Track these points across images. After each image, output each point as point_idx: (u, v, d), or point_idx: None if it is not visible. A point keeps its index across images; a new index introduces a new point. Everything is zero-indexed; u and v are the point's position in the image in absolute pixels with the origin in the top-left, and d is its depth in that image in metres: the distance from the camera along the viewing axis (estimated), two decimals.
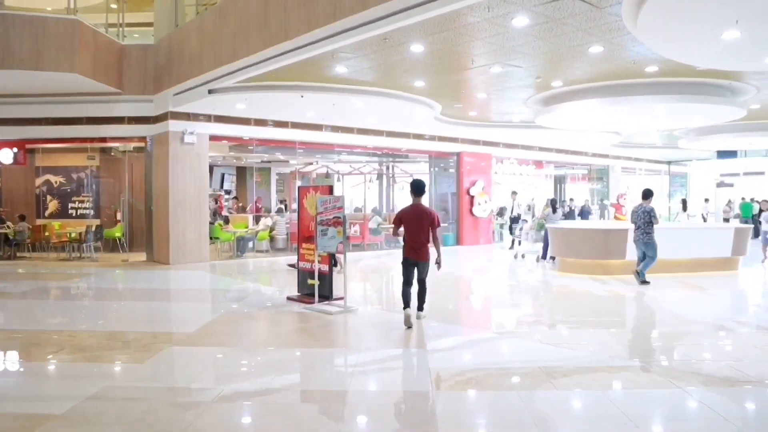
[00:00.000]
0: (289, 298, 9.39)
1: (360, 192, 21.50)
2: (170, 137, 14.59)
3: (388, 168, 22.48)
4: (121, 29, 15.54)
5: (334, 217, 8.34)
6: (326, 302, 8.86)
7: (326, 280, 9.07)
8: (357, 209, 21.90)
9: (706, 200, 26.79)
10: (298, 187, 9.66)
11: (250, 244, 17.52)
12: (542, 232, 15.40)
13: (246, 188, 25.74)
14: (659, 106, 12.82)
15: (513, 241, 17.98)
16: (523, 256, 16.16)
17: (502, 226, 21.27)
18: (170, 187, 14.61)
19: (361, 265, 14.99)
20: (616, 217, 24.23)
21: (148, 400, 4.78)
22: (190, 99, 13.68)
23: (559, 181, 28.21)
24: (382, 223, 18.98)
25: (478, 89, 13.10)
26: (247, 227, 17.69)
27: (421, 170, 22.41)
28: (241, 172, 26.52)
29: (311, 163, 20.92)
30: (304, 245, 9.46)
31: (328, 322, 7.78)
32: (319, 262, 9.03)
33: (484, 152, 20.98)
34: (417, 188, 7.75)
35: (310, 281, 9.08)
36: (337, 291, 8.97)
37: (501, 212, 20.89)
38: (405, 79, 12.16)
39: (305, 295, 9.30)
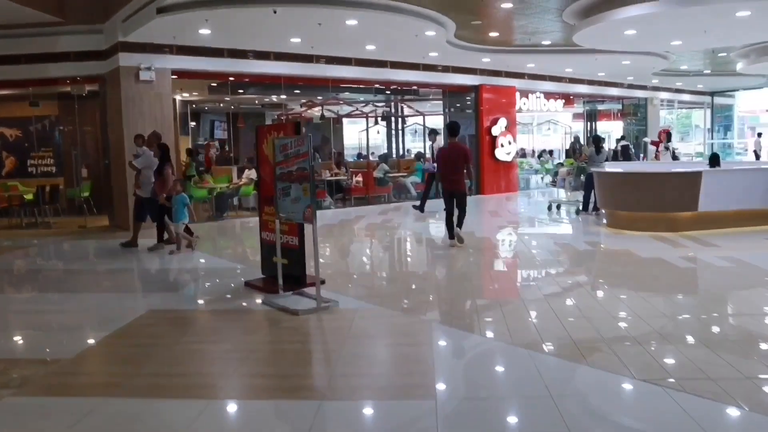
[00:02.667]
0: (247, 284, 6.76)
1: (365, 137, 18.76)
2: (122, 74, 11.82)
3: (395, 108, 19.57)
4: None
5: (297, 168, 5.61)
6: (296, 290, 6.24)
7: (296, 257, 6.41)
8: (360, 156, 19.16)
9: (759, 135, 23.61)
10: (256, 128, 6.90)
11: (236, 201, 14.94)
12: (582, 178, 12.59)
13: (240, 137, 22.92)
14: (745, 8, 9.69)
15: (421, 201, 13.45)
16: (558, 207, 13.38)
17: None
18: (125, 135, 11.92)
19: (362, 224, 12.32)
20: (657, 157, 21.15)
21: None
22: (141, 23, 10.83)
23: (590, 117, 25.07)
24: (389, 171, 16.26)
25: None
26: (230, 181, 15.03)
27: (434, 110, 19.52)
28: (235, 120, 23.68)
29: (309, 105, 18.04)
30: (266, 208, 6.78)
31: (290, 330, 5.14)
32: (283, 232, 6.37)
33: (507, 85, 17.91)
34: (452, 129, 9.19)
35: (275, 259, 6.44)
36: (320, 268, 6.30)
37: (541, 155, 18.03)
38: None
39: (270, 278, 6.68)
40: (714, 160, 10.89)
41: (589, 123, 24.99)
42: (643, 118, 25.27)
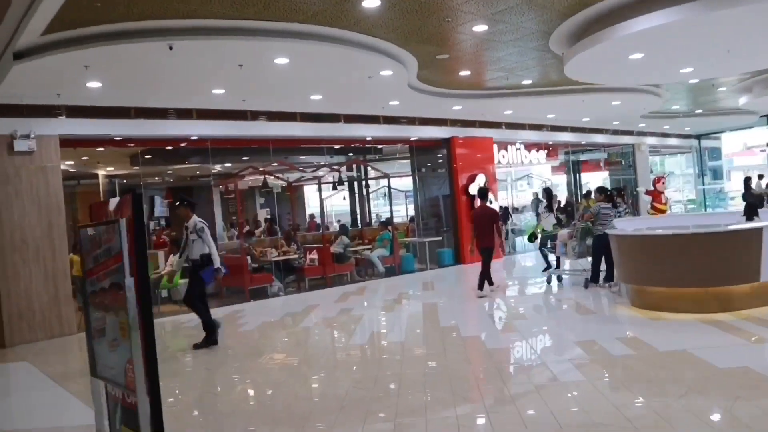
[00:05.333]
0: None
1: (330, 203, 16.15)
2: None
3: (356, 170, 17.06)
4: None
5: (111, 285, 2.88)
6: None
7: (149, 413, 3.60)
8: (318, 228, 16.47)
9: (761, 177, 21.45)
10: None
11: (164, 293, 12.07)
12: (588, 242, 9.96)
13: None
14: None
15: None
16: (559, 279, 10.77)
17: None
18: None
19: (310, 319, 9.45)
20: (654, 208, 18.65)
21: None
22: (2, 76, 8.23)
23: (574, 168, 22.88)
24: (350, 244, 13.55)
25: (473, 13, 7.67)
26: (155, 268, 12.16)
27: (402, 170, 17.10)
28: (177, 194, 20.91)
29: (252, 172, 15.41)
30: None
31: None
32: (123, 387, 3.58)
33: (483, 136, 15.55)
34: (482, 193, 10.54)
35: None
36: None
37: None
38: None
39: None
40: (751, 209, 8.45)
41: (574, 174, 22.80)
42: (630, 166, 23.18)
